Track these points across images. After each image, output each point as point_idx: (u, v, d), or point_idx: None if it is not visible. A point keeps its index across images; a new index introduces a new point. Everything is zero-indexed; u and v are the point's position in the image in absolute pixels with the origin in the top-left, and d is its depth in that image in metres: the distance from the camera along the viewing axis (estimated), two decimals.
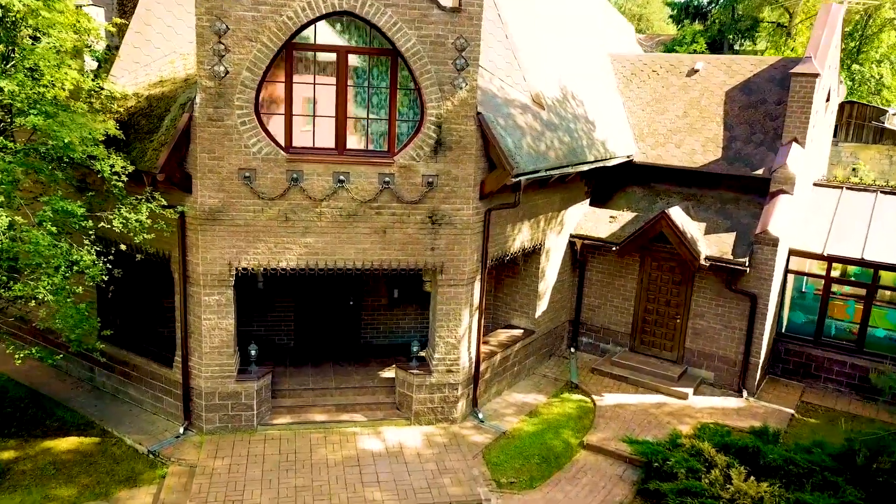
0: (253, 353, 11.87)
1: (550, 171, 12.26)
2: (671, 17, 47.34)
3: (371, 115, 11.18)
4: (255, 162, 10.79)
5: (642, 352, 15.31)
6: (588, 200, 15.79)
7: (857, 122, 29.69)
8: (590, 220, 15.50)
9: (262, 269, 11.22)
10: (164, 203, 10.33)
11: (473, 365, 12.60)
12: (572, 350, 16.06)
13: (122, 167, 9.66)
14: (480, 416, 12.68)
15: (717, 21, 41.61)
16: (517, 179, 11.30)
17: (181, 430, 11.57)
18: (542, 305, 14.69)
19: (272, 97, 10.85)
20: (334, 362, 13.78)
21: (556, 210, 14.42)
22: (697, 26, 42.88)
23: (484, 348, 13.05)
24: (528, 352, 14.50)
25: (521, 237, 13.30)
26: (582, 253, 15.48)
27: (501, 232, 12.65)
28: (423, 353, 12.70)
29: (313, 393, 12.56)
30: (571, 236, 15.29)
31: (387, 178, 11.21)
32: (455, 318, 12.07)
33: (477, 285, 12.27)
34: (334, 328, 14.60)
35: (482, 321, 12.52)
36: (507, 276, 14.84)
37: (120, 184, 9.71)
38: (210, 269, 11.02)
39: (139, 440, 11.41)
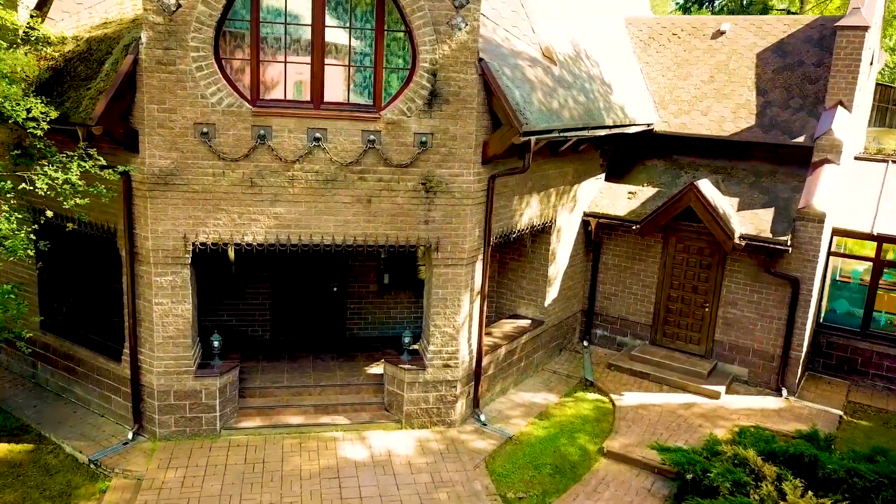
0: (216, 344, 10.11)
1: (565, 133, 10.50)
2: (678, 5, 45.72)
3: (353, 62, 9.42)
4: (214, 115, 9.03)
5: (665, 345, 13.55)
6: (603, 175, 14.03)
7: (880, 104, 27.94)
8: (606, 196, 13.75)
9: (223, 244, 9.46)
10: (103, 163, 8.57)
11: (474, 359, 10.84)
12: (585, 344, 14.30)
13: (41, 113, 7.89)
14: (483, 418, 10.92)
15: (724, 7, 40.00)
16: (527, 139, 9.54)
17: (130, 436, 9.81)
18: (552, 293, 12.93)
19: (236, 39, 9.09)
20: (315, 356, 12.02)
21: (569, 184, 12.66)
22: (705, 13, 41.26)
23: (486, 340, 11.30)
24: (536, 345, 12.74)
25: (529, 212, 11.54)
26: (597, 233, 13.72)
27: (507, 205, 10.89)
28: (416, 346, 10.96)
29: (288, 391, 10.80)
30: (585, 214, 13.53)
31: (371, 137, 9.45)
32: (453, 304, 10.31)
33: (479, 266, 10.51)
34: (316, 318, 12.84)
35: (485, 308, 10.76)
36: (511, 259, 13.08)
37: (38, 132, 7.95)
38: (161, 244, 9.26)
39: (80, 447, 9.64)
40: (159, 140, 8.96)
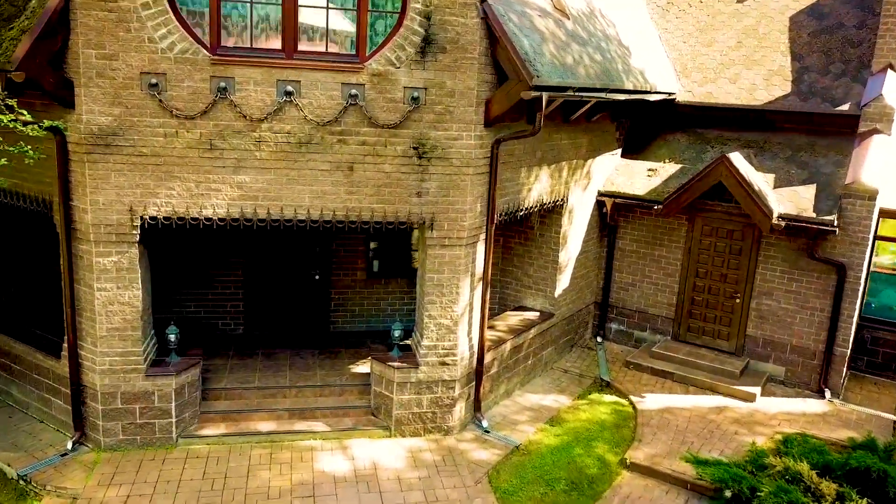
0: (172, 338, 8.63)
1: (582, 94, 9.00)
2: None
3: (332, 3, 7.94)
4: (165, 63, 7.55)
5: (690, 341, 12.07)
6: (619, 151, 12.54)
7: None
8: (622, 173, 12.26)
9: (177, 218, 7.97)
10: (27, 117, 7.09)
11: (475, 355, 9.37)
12: (599, 339, 12.82)
13: None
14: (485, 423, 9.44)
15: None
16: (537, 95, 8.05)
17: (70, 446, 8.33)
18: (562, 281, 11.45)
19: None
20: (293, 353, 10.54)
21: (583, 158, 11.17)
22: None
23: (489, 334, 9.82)
24: (545, 340, 11.26)
25: (538, 188, 10.06)
26: (613, 215, 12.23)
27: (513, 177, 9.41)
28: (408, 342, 9.49)
29: (260, 393, 9.32)
30: (600, 194, 12.04)
31: (354, 91, 7.97)
32: (451, 292, 8.83)
33: (481, 247, 9.03)
34: (296, 310, 11.36)
35: (488, 297, 9.27)
36: (517, 243, 11.60)
37: None
38: (103, 217, 7.78)
39: (10, 459, 8.16)
40: (98, 92, 7.48)
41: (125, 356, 8.20)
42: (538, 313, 11.26)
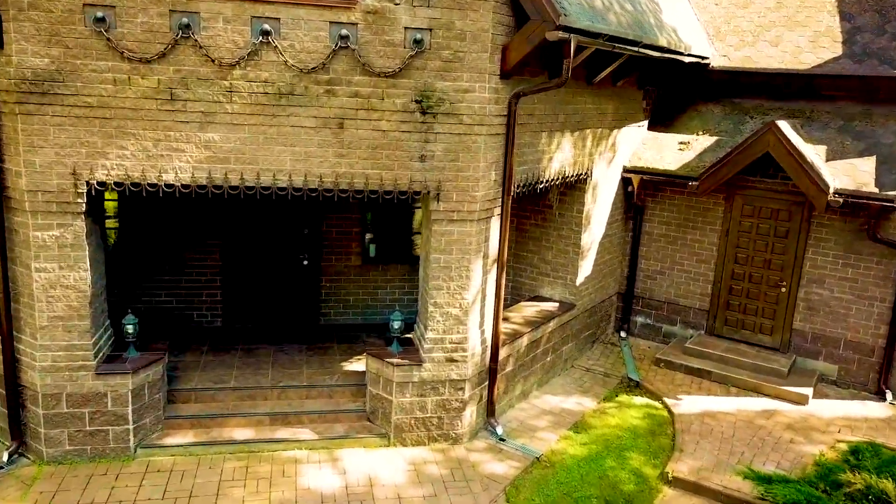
0: (130, 329, 7.27)
1: (615, 43, 7.63)
2: None
3: None
4: None
5: (727, 335, 10.71)
6: (646, 123, 11.18)
7: None
8: (650, 147, 10.90)
9: (131, 183, 6.62)
10: None
11: (489, 350, 8.02)
12: (623, 334, 11.46)
13: None
14: (499, 430, 8.08)
15: None
16: (564, 38, 6.69)
17: (5, 458, 6.97)
18: (584, 268, 10.09)
19: None
20: (277, 348, 9.19)
21: (608, 127, 9.81)
22: None
23: (504, 327, 8.46)
24: (565, 335, 9.90)
25: (560, 157, 8.71)
26: (640, 194, 10.88)
27: (533, 142, 8.06)
28: (410, 335, 8.15)
29: (236, 395, 7.96)
30: (626, 170, 10.68)
31: (344, 32, 6.61)
32: (460, 276, 7.48)
33: (495, 224, 7.68)
34: (281, 300, 10.00)
35: (503, 282, 7.91)
36: (533, 224, 10.24)
37: None
38: (41, 182, 6.43)
39: None
40: (32, 28, 6.12)
41: (70, 350, 6.85)
42: (557, 304, 9.91)
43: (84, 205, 6.57)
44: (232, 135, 6.64)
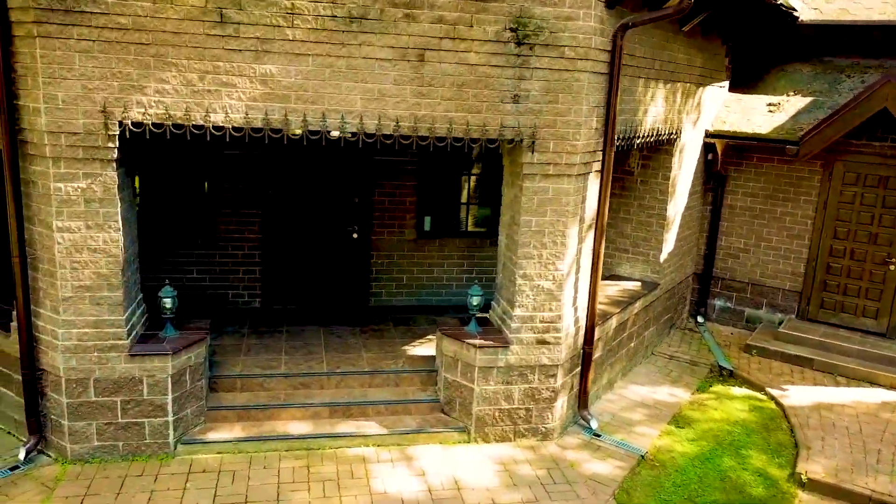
0: (168, 302, 6.15)
1: None
2: None
3: None
4: None
5: (823, 319, 9.56)
6: (727, 83, 10.03)
7: None
8: (734, 110, 9.75)
9: (173, 125, 5.49)
10: None
11: (582, 332, 6.90)
12: (699, 319, 10.31)
13: None
14: (594, 424, 6.95)
15: None
16: None
17: (22, 455, 5.84)
18: (668, 243, 8.96)
19: None
20: (327, 329, 8.07)
21: (695, 82, 8.67)
22: None
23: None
24: (648, 317, 8.77)
25: (654, 111, 7.58)
26: (723, 161, 9.73)
27: (631, 88, 6.93)
28: (488, 315, 7.01)
29: (288, 382, 6.84)
30: (708, 134, 9.54)
31: None
32: (555, 243, 6.35)
33: (593, 181, 6.55)
34: (328, 279, 8.88)
35: (601, 251, 6.78)
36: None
37: None
38: (65, 122, 5.31)
39: None
40: None
41: (99, 327, 5.73)
42: (639, 283, 8.77)
43: (116, 151, 5.45)
44: (293, 67, 5.52)
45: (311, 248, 8.76)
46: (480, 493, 5.80)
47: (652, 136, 7.66)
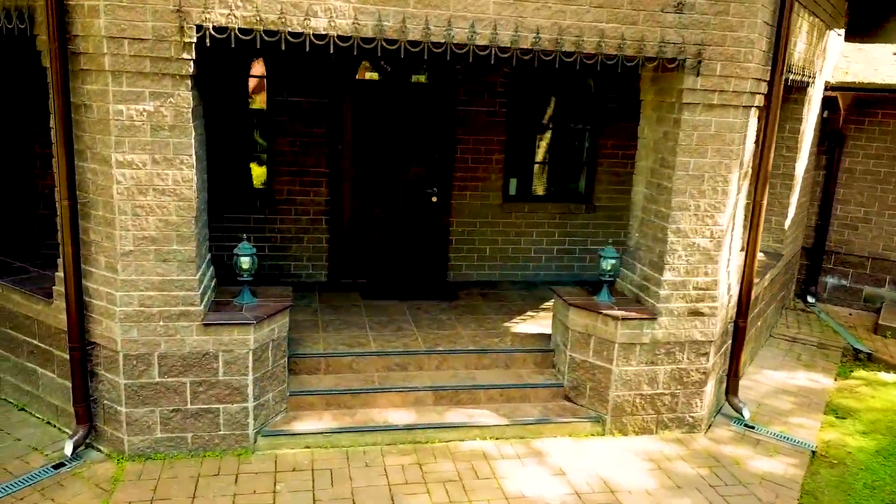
0: (246, 262, 4.99)
1: None
2: None
3: None
4: None
5: None
6: (843, 31, 8.87)
7: None
8: (856, 60, 8.60)
9: (264, 31, 4.33)
10: None
11: (736, 301, 5.75)
12: (809, 299, 9.15)
13: None
14: (746, 413, 5.80)
15: None
16: None
17: (68, 450, 4.69)
18: (791, 207, 7.80)
19: None
20: (411, 303, 6.92)
21: (825, 24, 7.50)
22: None
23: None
24: (771, 293, 7.62)
25: (799, 47, 6.42)
26: (845, 118, 8.58)
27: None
28: (618, 283, 5.85)
29: (382, 363, 5.69)
30: (828, 87, 8.37)
31: None
32: (715, 190, 5.20)
33: (753, 118, 5.37)
34: (403, 250, 7.74)
35: (764, 203, 5.62)
36: None
37: None
38: (128, 24, 4.15)
39: None
40: None
41: (166, 289, 4.58)
42: (761, 254, 7.61)
43: (192, 64, 4.31)
44: None
45: (386, 213, 7.61)
46: (640, 496, 4.66)
47: (800, 74, 6.50)
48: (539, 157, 8.04)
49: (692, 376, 5.49)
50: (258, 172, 7.47)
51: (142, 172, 4.38)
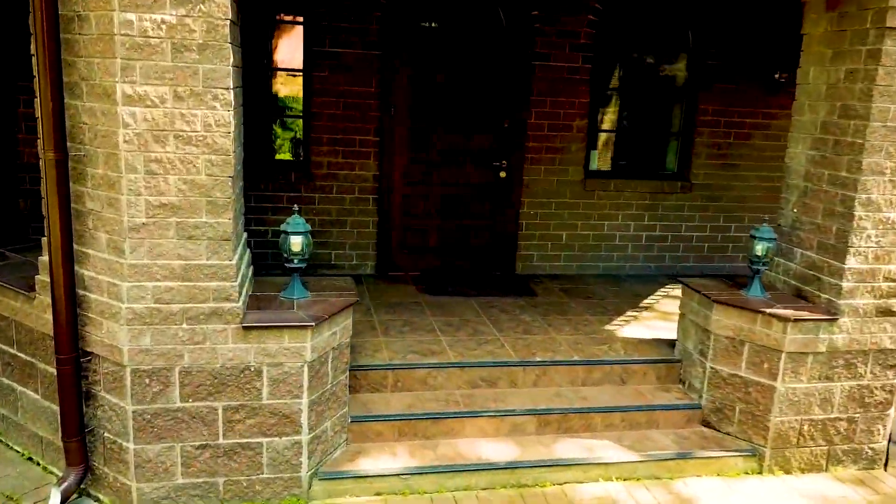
0: (297, 242, 3.69)
1: None
2: None
3: None
4: None
5: None
6: None
7: None
8: None
9: None
10: None
11: None
12: None
13: None
14: None
15: None
16: None
17: (56, 500, 3.38)
18: None
19: None
20: (482, 300, 5.64)
21: None
22: None
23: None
24: None
25: None
26: None
27: None
28: (770, 271, 4.55)
29: (464, 377, 4.39)
30: None
31: None
32: None
33: None
34: (464, 235, 6.45)
35: None
36: None
37: None
38: None
39: None
40: None
41: (192, 278, 3.28)
42: None
43: None
44: None
45: (444, 190, 6.31)
46: None
47: None
48: (626, 124, 6.75)
49: (875, 395, 4.19)
50: (291, 139, 6.19)
51: (159, 112, 3.09)
